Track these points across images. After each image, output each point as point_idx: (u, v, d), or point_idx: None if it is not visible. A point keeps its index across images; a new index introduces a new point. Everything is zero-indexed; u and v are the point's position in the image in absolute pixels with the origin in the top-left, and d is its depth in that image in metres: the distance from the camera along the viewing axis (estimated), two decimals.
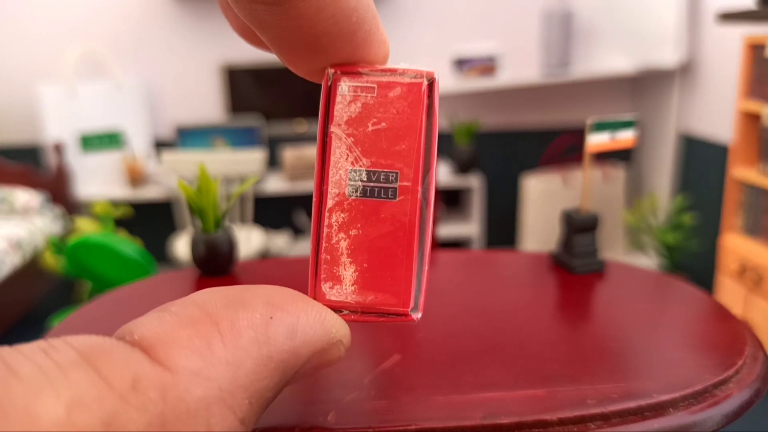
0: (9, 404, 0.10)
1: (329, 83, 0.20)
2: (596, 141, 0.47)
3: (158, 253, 2.63)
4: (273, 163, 2.80)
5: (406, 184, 0.19)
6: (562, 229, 0.47)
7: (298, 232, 2.90)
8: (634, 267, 0.46)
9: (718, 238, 1.96)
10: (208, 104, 2.78)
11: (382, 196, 0.19)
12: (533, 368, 0.28)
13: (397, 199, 0.19)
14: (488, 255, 0.51)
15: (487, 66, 2.63)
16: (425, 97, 0.19)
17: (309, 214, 2.84)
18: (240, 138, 2.66)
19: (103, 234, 1.41)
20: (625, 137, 0.49)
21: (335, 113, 0.20)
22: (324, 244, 0.20)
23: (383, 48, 0.19)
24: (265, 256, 2.44)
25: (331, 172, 0.20)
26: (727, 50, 2.12)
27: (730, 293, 1.83)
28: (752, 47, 1.74)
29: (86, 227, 1.58)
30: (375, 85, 0.19)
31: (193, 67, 2.72)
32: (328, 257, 0.20)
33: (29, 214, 2.39)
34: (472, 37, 2.71)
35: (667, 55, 2.33)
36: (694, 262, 2.32)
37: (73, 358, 0.12)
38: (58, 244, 1.60)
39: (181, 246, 2.21)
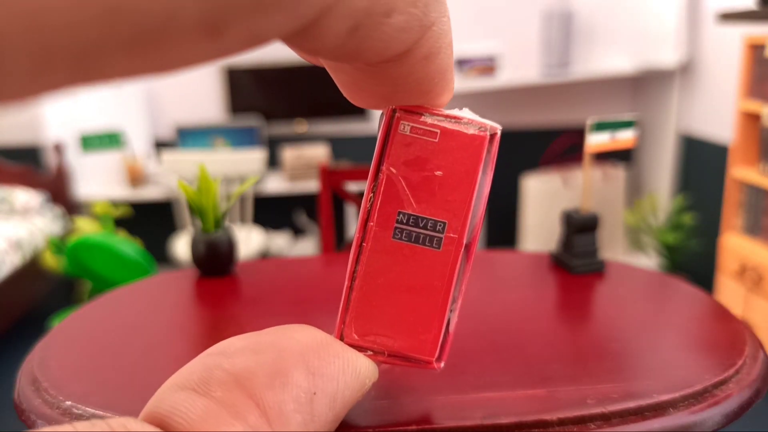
0: None
1: (391, 121, 0.19)
2: (596, 141, 0.47)
3: (158, 253, 2.63)
4: (273, 163, 2.80)
5: (452, 235, 0.19)
6: (562, 229, 0.47)
7: (298, 232, 2.90)
8: (634, 267, 0.46)
9: (718, 238, 1.96)
10: (208, 104, 2.78)
11: (427, 244, 0.19)
12: (533, 368, 0.28)
13: (441, 249, 0.19)
14: (488, 255, 0.51)
15: (487, 66, 2.63)
16: (485, 149, 0.19)
17: (309, 215, 2.84)
18: (240, 138, 2.66)
19: (103, 234, 1.41)
20: (625, 137, 0.49)
21: (392, 152, 0.19)
22: (359, 282, 0.19)
23: (450, 95, 0.19)
24: (265, 256, 2.44)
25: (379, 211, 0.19)
26: (727, 50, 2.12)
27: (730, 293, 1.83)
28: (752, 47, 1.74)
29: (86, 227, 1.58)
30: (438, 131, 0.19)
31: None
32: (362, 296, 0.20)
33: (29, 214, 2.39)
34: (472, 37, 2.71)
35: (667, 55, 2.33)
36: (694, 262, 2.32)
37: None
38: (58, 244, 1.60)
39: (181, 246, 2.21)
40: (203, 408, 0.14)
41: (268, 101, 2.74)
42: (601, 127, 0.47)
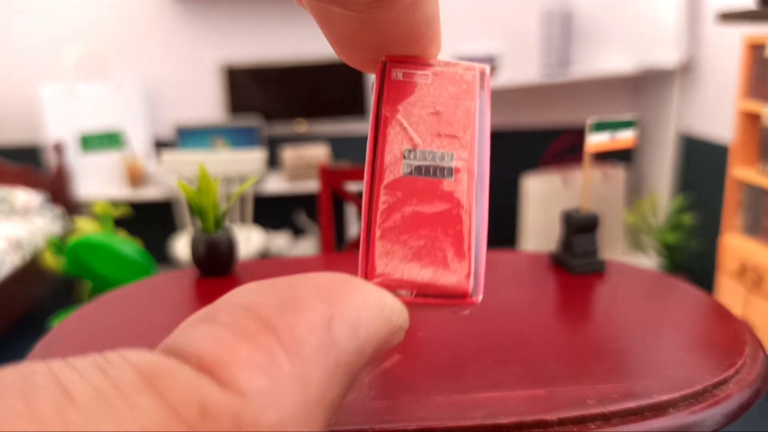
0: None
1: (383, 70, 0.20)
2: (596, 141, 0.47)
3: (158, 253, 2.63)
4: (273, 163, 2.80)
5: (461, 163, 0.19)
6: (562, 229, 0.47)
7: (298, 232, 2.90)
8: (634, 267, 0.46)
9: (718, 238, 1.96)
10: (208, 104, 2.78)
11: (438, 175, 0.19)
12: (533, 368, 0.28)
13: (453, 177, 0.19)
14: (488, 255, 0.51)
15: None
16: (478, 85, 0.20)
17: (309, 215, 2.84)
18: (240, 138, 2.66)
19: (103, 234, 1.41)
20: (625, 137, 0.49)
21: (389, 98, 0.19)
22: (378, 220, 0.19)
23: (438, 48, 0.20)
24: (265, 256, 2.44)
25: (385, 152, 0.19)
26: (727, 50, 2.12)
27: (730, 293, 1.83)
28: (752, 47, 1.74)
29: (86, 227, 1.58)
30: (429, 73, 0.20)
31: (193, 67, 2.72)
32: (382, 234, 0.19)
33: (29, 214, 2.39)
34: (472, 37, 2.71)
35: (667, 55, 2.33)
36: (694, 262, 2.32)
37: (134, 380, 0.11)
38: (58, 244, 1.60)
39: (181, 246, 2.21)
40: (207, 332, 0.12)
41: (268, 101, 2.73)
42: (601, 127, 0.47)
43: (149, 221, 2.70)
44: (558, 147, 2.76)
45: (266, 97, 2.73)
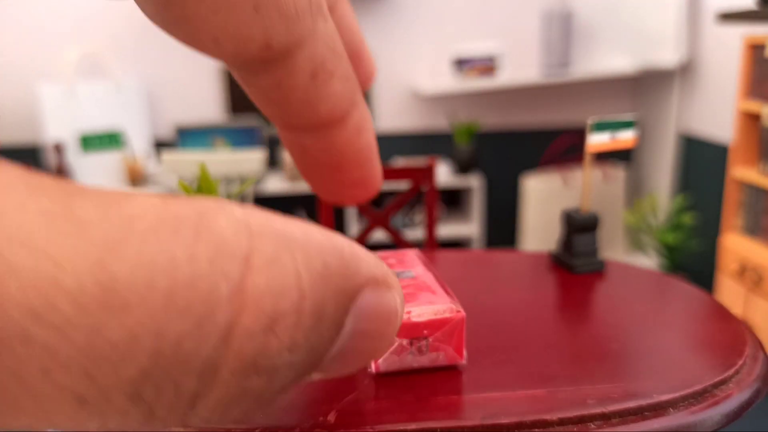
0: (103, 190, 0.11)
1: None
2: (596, 141, 0.47)
3: None
4: (273, 163, 2.80)
5: (418, 271, 0.28)
6: (562, 228, 0.47)
7: None
8: (634, 267, 0.46)
9: (718, 238, 1.96)
10: (208, 104, 2.78)
11: (403, 277, 0.28)
12: (533, 368, 0.28)
13: (414, 275, 0.27)
14: (488, 255, 0.51)
15: (487, 66, 2.63)
16: (414, 253, 0.31)
17: (309, 215, 2.84)
18: (240, 138, 2.66)
19: None
20: (625, 137, 0.49)
21: None
22: None
23: (380, 183, 0.25)
24: None
25: None
26: (727, 50, 2.12)
27: (730, 293, 1.83)
28: (752, 47, 1.74)
29: None
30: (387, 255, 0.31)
31: (193, 67, 2.72)
32: None
33: None
34: (472, 37, 2.71)
35: (667, 55, 2.33)
36: (694, 262, 2.32)
37: None
38: None
39: None
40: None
41: None
42: (601, 127, 0.47)
43: None
44: (558, 147, 2.76)
45: None
